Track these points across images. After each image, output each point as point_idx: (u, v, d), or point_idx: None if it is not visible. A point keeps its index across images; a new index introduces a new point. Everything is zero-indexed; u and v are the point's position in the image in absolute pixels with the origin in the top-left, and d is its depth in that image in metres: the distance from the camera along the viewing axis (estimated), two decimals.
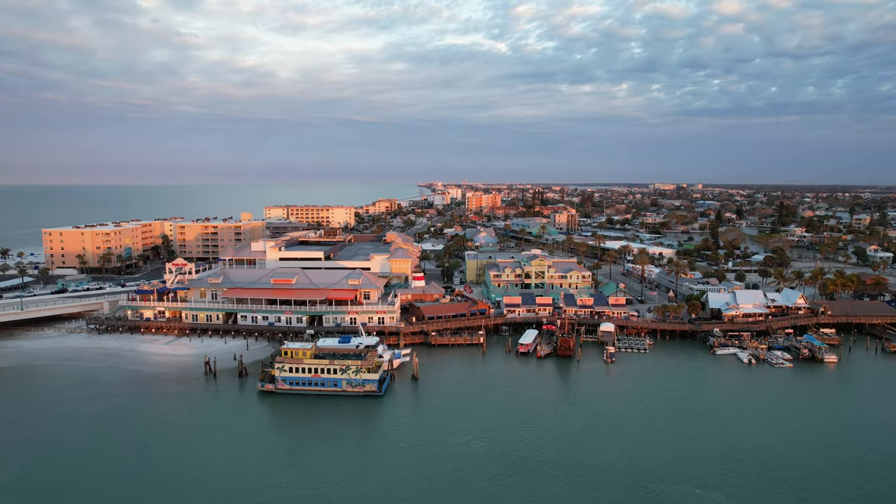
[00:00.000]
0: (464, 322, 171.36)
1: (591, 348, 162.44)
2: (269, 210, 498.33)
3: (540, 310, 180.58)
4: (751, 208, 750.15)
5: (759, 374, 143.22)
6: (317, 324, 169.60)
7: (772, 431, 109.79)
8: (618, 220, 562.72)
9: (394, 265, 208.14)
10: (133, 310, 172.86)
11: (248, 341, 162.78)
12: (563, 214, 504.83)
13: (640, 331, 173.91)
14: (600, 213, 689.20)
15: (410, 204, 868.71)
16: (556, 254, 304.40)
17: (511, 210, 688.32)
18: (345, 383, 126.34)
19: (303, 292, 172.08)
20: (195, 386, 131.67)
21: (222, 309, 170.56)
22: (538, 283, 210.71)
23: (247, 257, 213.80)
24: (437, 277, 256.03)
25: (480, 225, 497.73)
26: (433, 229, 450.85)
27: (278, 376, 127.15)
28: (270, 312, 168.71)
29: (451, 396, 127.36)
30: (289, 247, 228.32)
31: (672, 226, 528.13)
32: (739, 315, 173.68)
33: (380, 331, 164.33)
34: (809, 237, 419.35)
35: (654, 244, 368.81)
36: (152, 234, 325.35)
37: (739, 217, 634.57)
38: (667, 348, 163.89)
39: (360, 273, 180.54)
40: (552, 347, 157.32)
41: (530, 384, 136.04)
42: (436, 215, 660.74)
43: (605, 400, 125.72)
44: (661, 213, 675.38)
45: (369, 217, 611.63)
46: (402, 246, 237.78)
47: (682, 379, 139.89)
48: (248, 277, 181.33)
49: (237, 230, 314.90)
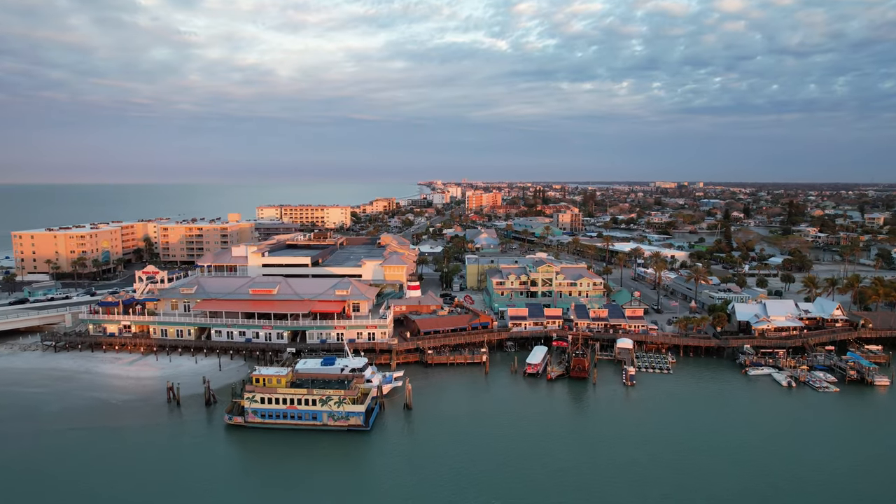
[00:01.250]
0: (464, 337, 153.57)
1: (607, 368, 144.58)
2: (261, 210, 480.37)
3: (548, 323, 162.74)
4: (756, 207, 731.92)
5: (801, 401, 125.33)
6: (299, 340, 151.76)
7: (828, 477, 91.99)
8: (623, 220, 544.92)
9: (387, 272, 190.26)
10: (95, 324, 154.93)
11: (222, 360, 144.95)
12: (566, 214, 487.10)
13: (661, 346, 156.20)
14: (604, 213, 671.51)
15: (409, 203, 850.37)
16: (561, 257, 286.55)
17: (512, 209, 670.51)
18: (326, 416, 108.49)
19: (284, 304, 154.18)
20: (154, 417, 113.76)
21: (194, 323, 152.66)
22: (545, 291, 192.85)
23: (227, 263, 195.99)
24: (435, 283, 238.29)
25: (481, 225, 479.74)
26: (432, 230, 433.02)
27: (248, 408, 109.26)
28: (247, 327, 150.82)
29: (449, 430, 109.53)
30: (274, 251, 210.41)
31: (679, 225, 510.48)
32: (771, 329, 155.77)
33: (370, 348, 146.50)
34: (825, 238, 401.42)
35: (664, 245, 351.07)
36: (134, 236, 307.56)
37: (747, 216, 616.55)
38: (691, 367, 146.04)
39: (348, 282, 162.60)
40: (564, 368, 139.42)
41: (540, 414, 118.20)
42: (435, 215, 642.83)
43: (625, 437, 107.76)
44: (665, 212, 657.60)
45: (366, 217, 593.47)
46: (397, 249, 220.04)
47: (712, 407, 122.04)
48: (224, 287, 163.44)
49: (223, 232, 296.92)
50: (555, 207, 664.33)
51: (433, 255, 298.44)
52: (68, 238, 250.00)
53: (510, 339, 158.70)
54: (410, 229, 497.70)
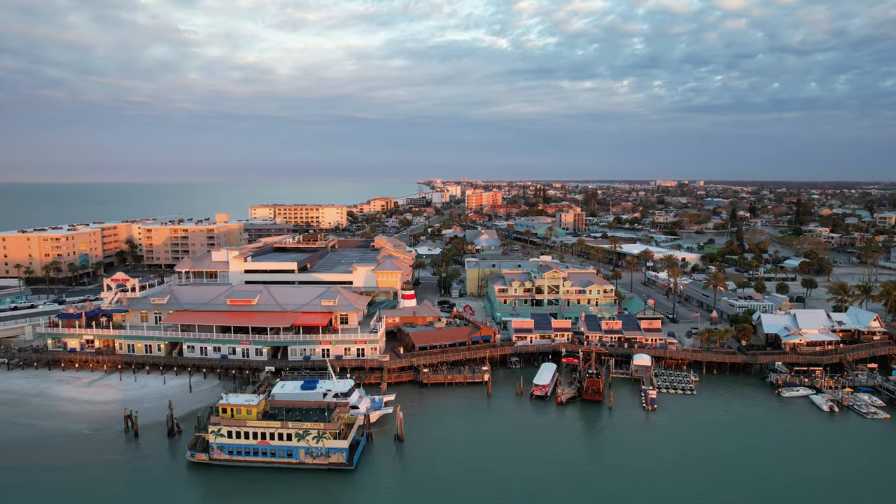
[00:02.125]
0: (463, 353, 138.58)
1: (623, 388, 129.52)
2: (254, 210, 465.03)
3: (557, 336, 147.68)
4: (761, 206, 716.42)
5: (847, 430, 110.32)
6: (281, 357, 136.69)
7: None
8: (626, 220, 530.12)
9: (380, 278, 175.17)
10: (54, 338, 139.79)
11: (194, 380, 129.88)
12: (569, 214, 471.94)
13: (681, 362, 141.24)
14: (606, 212, 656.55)
15: (408, 202, 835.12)
16: (566, 260, 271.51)
17: (513, 209, 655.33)
18: (303, 453, 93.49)
19: (263, 317, 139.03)
20: (104, 452, 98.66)
21: (165, 338, 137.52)
22: (552, 298, 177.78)
23: (207, 269, 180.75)
24: (433, 288, 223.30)
25: (481, 225, 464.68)
26: (430, 230, 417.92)
27: (213, 443, 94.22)
28: (223, 342, 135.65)
29: (445, 466, 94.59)
30: (259, 255, 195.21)
31: (685, 225, 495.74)
32: (803, 343, 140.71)
33: (359, 365, 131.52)
34: (838, 238, 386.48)
35: (672, 247, 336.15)
36: (117, 237, 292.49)
37: (753, 215, 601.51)
38: (717, 387, 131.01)
39: (336, 291, 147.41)
40: (576, 389, 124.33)
41: (550, 444, 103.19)
42: (434, 214, 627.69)
43: (648, 470, 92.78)
44: (670, 211, 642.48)
45: (363, 216, 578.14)
46: (392, 253, 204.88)
47: (746, 436, 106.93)
48: (200, 297, 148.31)
49: (210, 234, 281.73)
50: (556, 207, 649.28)
51: (431, 258, 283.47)
52: (42, 240, 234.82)
53: (515, 355, 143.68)
54: (408, 229, 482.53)
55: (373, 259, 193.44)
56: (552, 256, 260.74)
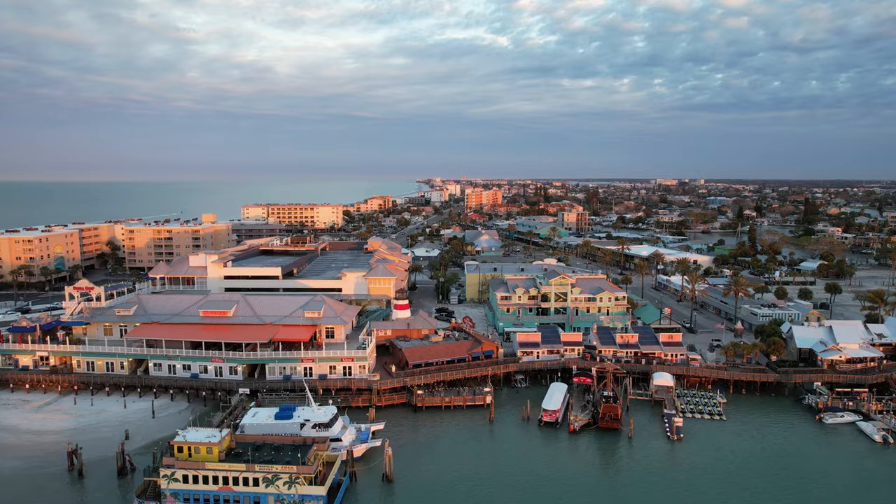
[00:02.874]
0: (463, 371, 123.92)
1: (642, 411, 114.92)
2: (246, 209, 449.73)
3: (566, 350, 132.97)
4: (766, 205, 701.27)
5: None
6: (258, 376, 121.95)
7: None
8: (631, 219, 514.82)
9: (372, 285, 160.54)
10: (4, 355, 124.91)
11: (160, 402, 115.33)
12: (571, 213, 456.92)
13: (705, 380, 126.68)
14: (609, 211, 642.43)
15: (406, 201, 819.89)
16: (571, 262, 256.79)
17: (513, 207, 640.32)
18: (272, 501, 78.79)
19: (239, 331, 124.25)
20: (36, 499, 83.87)
21: (128, 354, 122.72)
22: (559, 307, 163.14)
23: (183, 275, 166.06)
24: (430, 293, 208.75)
25: (481, 225, 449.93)
26: (429, 230, 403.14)
27: (166, 489, 79.49)
28: (193, 360, 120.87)
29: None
30: (241, 260, 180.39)
31: (690, 225, 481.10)
32: (843, 360, 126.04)
33: (345, 386, 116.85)
34: (851, 238, 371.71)
35: (681, 248, 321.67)
36: (98, 239, 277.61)
37: (760, 215, 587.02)
38: (748, 410, 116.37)
39: (321, 301, 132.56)
40: (590, 415, 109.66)
41: (562, 482, 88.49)
42: (433, 213, 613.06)
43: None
44: (674, 210, 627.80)
45: (360, 216, 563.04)
46: (386, 256, 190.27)
47: (788, 473, 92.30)
48: (171, 307, 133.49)
49: (195, 235, 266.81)
50: (558, 206, 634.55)
51: (429, 260, 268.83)
52: (13, 242, 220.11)
53: (520, 372, 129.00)
54: (406, 229, 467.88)
55: (365, 263, 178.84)
56: (557, 259, 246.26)
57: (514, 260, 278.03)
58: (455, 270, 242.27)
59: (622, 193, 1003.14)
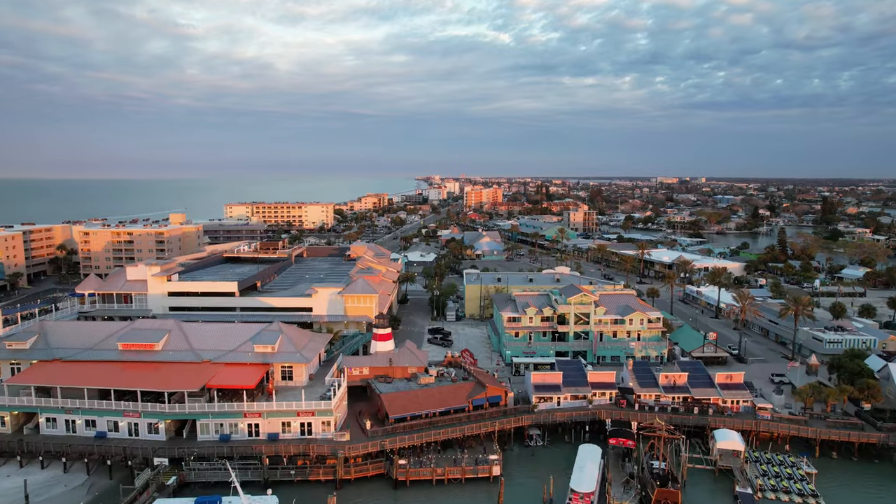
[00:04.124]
0: (461, 427, 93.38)
1: (703, 483, 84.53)
2: (230, 208, 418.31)
3: (596, 395, 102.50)
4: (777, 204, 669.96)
5: None
6: (187, 434, 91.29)
7: None
8: (640, 219, 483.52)
9: (350, 304, 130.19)
10: None
11: (45, 477, 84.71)
12: (578, 213, 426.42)
13: (778, 438, 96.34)
14: (614, 210, 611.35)
15: (403, 199, 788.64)
16: (585, 269, 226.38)
17: (515, 206, 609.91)
18: None
19: (164, 373, 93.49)
20: None
21: (12, 406, 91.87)
22: (580, 331, 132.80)
23: (118, 290, 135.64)
24: (423, 308, 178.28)
25: (482, 226, 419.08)
26: (425, 231, 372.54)
27: None
28: (100, 414, 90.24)
29: None
30: (194, 272, 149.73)
31: (703, 225, 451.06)
32: None
33: (302, 451, 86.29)
34: (884, 241, 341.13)
35: (702, 252, 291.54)
36: (52, 242, 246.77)
37: (774, 214, 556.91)
38: (846, 484, 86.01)
39: (277, 332, 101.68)
40: (637, 499, 79.04)
41: None
42: (430, 213, 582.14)
43: None
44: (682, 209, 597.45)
45: (353, 215, 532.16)
46: (371, 264, 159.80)
47: None
48: (83, 338, 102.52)
49: (159, 238, 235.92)
50: (562, 204, 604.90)
51: (424, 266, 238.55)
52: None
53: (536, 426, 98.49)
54: (401, 230, 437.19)
55: (345, 274, 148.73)
56: (568, 266, 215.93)
57: (520, 266, 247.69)
58: (453, 278, 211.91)
59: (624, 192, 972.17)
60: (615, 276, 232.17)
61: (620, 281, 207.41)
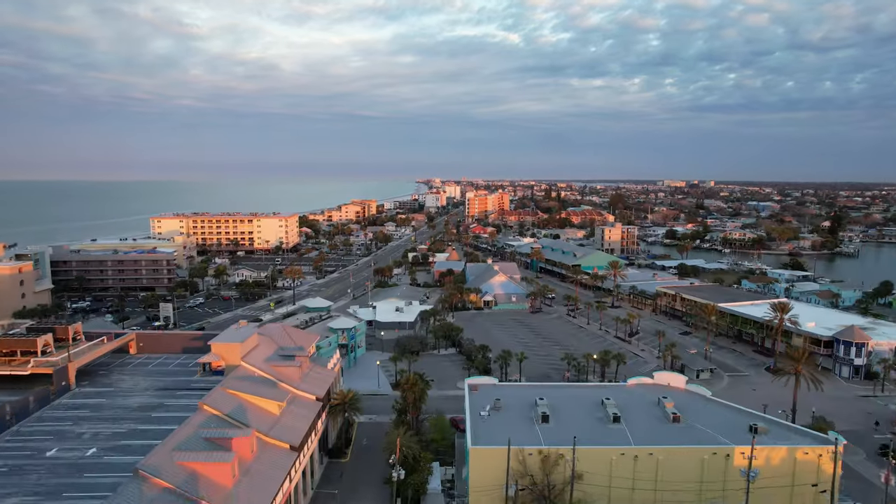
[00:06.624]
0: None
1: None
2: (158, 222, 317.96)
3: None
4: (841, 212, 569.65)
5: None
6: None
7: None
8: (684, 235, 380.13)
9: None
10: None
11: None
12: (614, 229, 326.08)
13: None
14: (643, 219, 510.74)
15: (395, 206, 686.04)
16: (681, 346, 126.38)
17: (527, 216, 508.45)
18: None
19: None
20: None
21: None
22: None
23: None
24: (377, 467, 77.62)
25: (489, 250, 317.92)
26: (413, 256, 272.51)
27: None
28: None
29: None
30: None
31: (768, 245, 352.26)
32: None
33: None
34: None
35: (821, 295, 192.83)
36: None
37: (839, 226, 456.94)
38: None
39: None
40: None
41: None
42: (424, 223, 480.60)
43: None
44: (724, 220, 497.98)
45: (331, 226, 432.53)
46: (248, 398, 61.07)
47: None
48: None
49: None
50: (582, 214, 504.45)
51: (402, 329, 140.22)
52: None
53: None
54: (388, 246, 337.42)
55: (173, 419, 48.75)
56: (634, 323, 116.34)
57: (558, 328, 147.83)
58: (449, 367, 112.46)
59: (633, 195, 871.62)
60: (729, 351, 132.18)
61: (729, 359, 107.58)
